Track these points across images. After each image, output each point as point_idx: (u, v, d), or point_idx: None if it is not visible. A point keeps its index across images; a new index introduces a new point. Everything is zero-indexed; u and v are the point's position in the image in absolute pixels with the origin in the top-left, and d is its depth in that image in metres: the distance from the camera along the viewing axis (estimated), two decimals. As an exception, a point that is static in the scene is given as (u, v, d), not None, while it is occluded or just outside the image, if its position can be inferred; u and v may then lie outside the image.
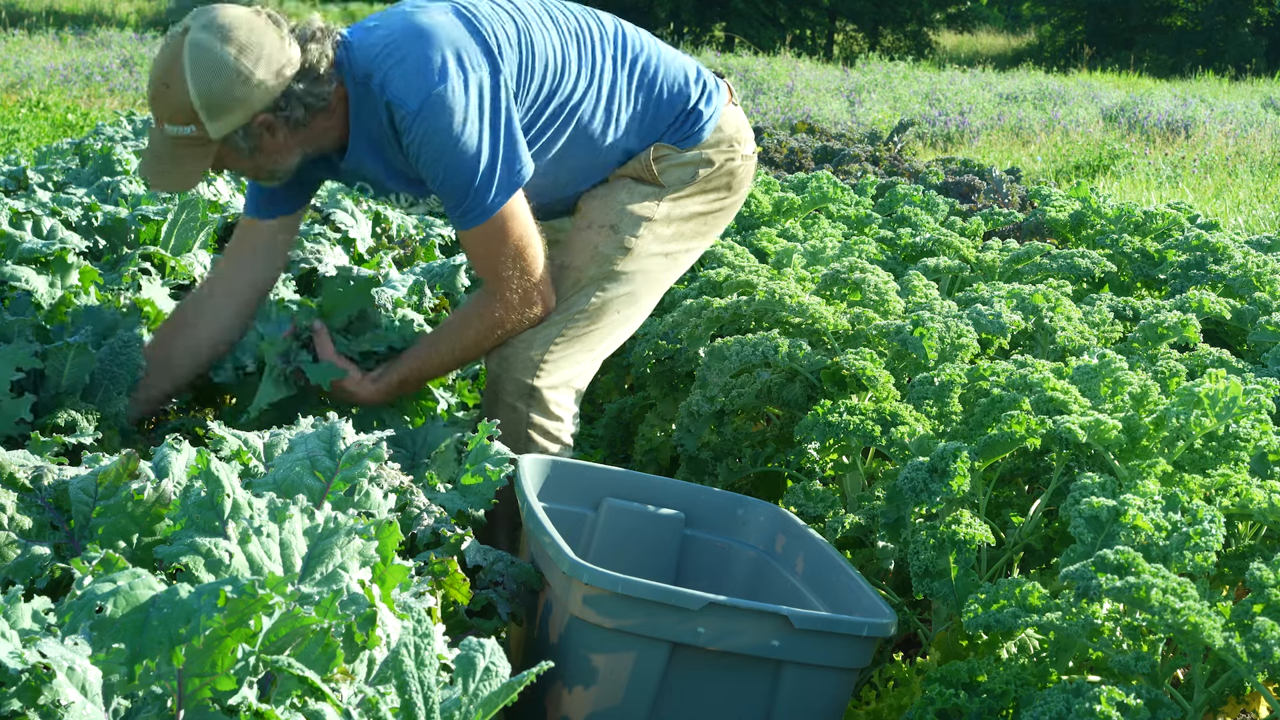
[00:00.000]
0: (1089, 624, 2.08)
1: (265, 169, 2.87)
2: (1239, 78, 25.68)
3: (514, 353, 3.06)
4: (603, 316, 3.12)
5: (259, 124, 2.76)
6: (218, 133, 2.74)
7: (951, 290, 4.14)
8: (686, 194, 3.16)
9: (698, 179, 3.16)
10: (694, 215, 3.19)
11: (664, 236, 3.15)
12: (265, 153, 2.82)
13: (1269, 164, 12.55)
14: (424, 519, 2.45)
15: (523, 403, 3.06)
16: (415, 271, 4.04)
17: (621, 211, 3.10)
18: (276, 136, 2.80)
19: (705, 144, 3.16)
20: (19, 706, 1.46)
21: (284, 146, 2.83)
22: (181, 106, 2.73)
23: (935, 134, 14.66)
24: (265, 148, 2.81)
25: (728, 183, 3.22)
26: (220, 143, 2.77)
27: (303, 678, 1.57)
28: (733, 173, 3.22)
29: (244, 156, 2.82)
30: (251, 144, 2.79)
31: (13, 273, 3.39)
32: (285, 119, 2.78)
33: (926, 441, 2.69)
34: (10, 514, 2.09)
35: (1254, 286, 3.83)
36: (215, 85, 2.69)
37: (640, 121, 3.11)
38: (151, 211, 4.19)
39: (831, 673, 2.29)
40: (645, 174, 3.13)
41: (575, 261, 3.11)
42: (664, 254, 3.17)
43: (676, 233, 3.17)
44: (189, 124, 2.74)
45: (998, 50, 35.54)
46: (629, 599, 2.22)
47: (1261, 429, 2.50)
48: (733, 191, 3.25)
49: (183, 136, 2.75)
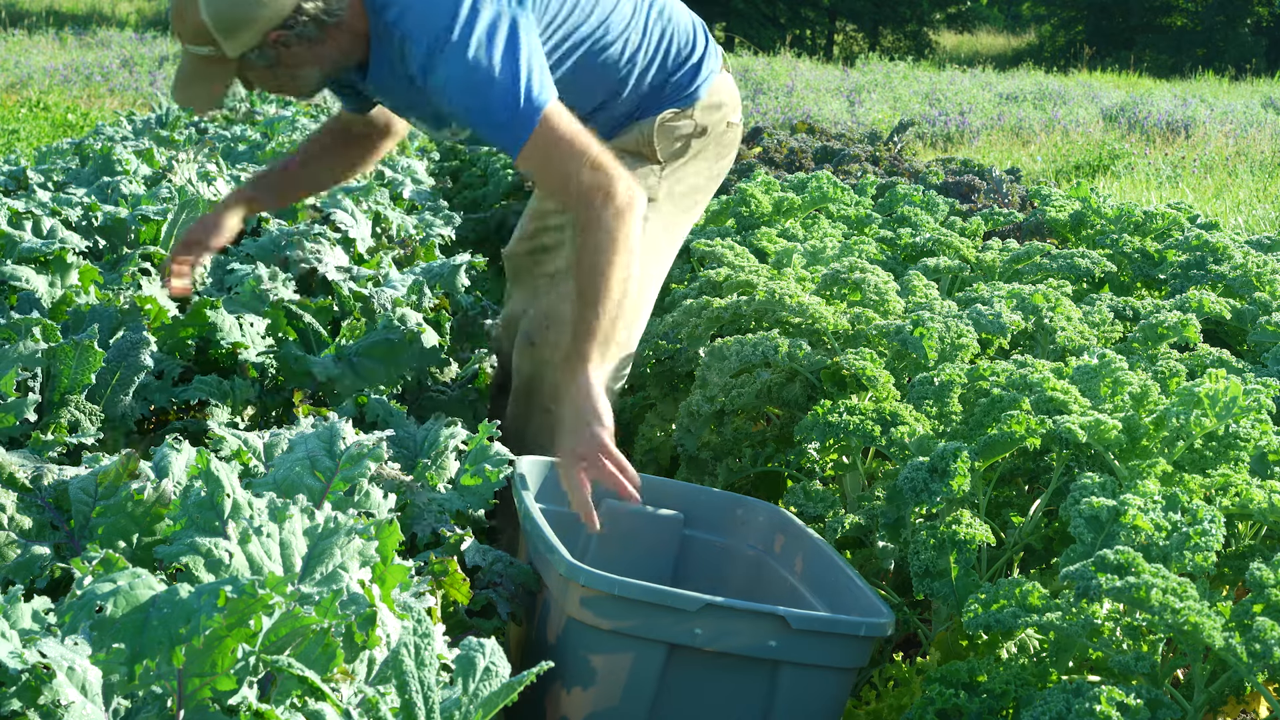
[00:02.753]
0: (1089, 624, 2.08)
1: (288, 84, 2.94)
2: (1239, 78, 25.69)
3: (546, 358, 3.08)
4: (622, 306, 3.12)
5: (273, 40, 2.82)
6: (234, 51, 2.82)
7: (951, 290, 4.14)
8: (682, 167, 3.21)
9: (690, 149, 3.20)
10: (691, 189, 3.25)
11: (666, 214, 3.21)
12: (285, 66, 2.88)
13: (1269, 164, 12.55)
14: (424, 519, 2.45)
15: (557, 405, 2.99)
16: (415, 271, 4.04)
17: None
18: (293, 51, 2.86)
19: (701, 106, 3.20)
20: (19, 706, 1.46)
21: (302, 62, 2.89)
22: (198, 28, 2.81)
23: (935, 134, 14.67)
24: (284, 62, 2.87)
25: (718, 150, 3.27)
26: (238, 60, 2.84)
27: (303, 678, 1.57)
28: (722, 139, 3.27)
29: (263, 72, 2.89)
30: (268, 60, 2.86)
31: (13, 272, 3.39)
32: (299, 35, 2.84)
33: (926, 441, 2.69)
34: (10, 514, 2.10)
35: (1254, 286, 3.83)
36: (225, 6, 2.78)
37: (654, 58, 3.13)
38: (151, 211, 4.19)
39: (830, 673, 2.29)
40: (645, 148, 3.16)
41: None
42: (664, 229, 3.22)
43: (676, 207, 3.23)
44: (207, 44, 2.82)
45: (998, 50, 35.56)
46: (626, 600, 2.22)
47: (1261, 429, 2.50)
48: (722, 159, 3.30)
49: (203, 55, 2.84)
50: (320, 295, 3.70)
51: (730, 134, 3.30)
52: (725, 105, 3.26)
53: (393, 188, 6.29)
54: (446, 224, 5.81)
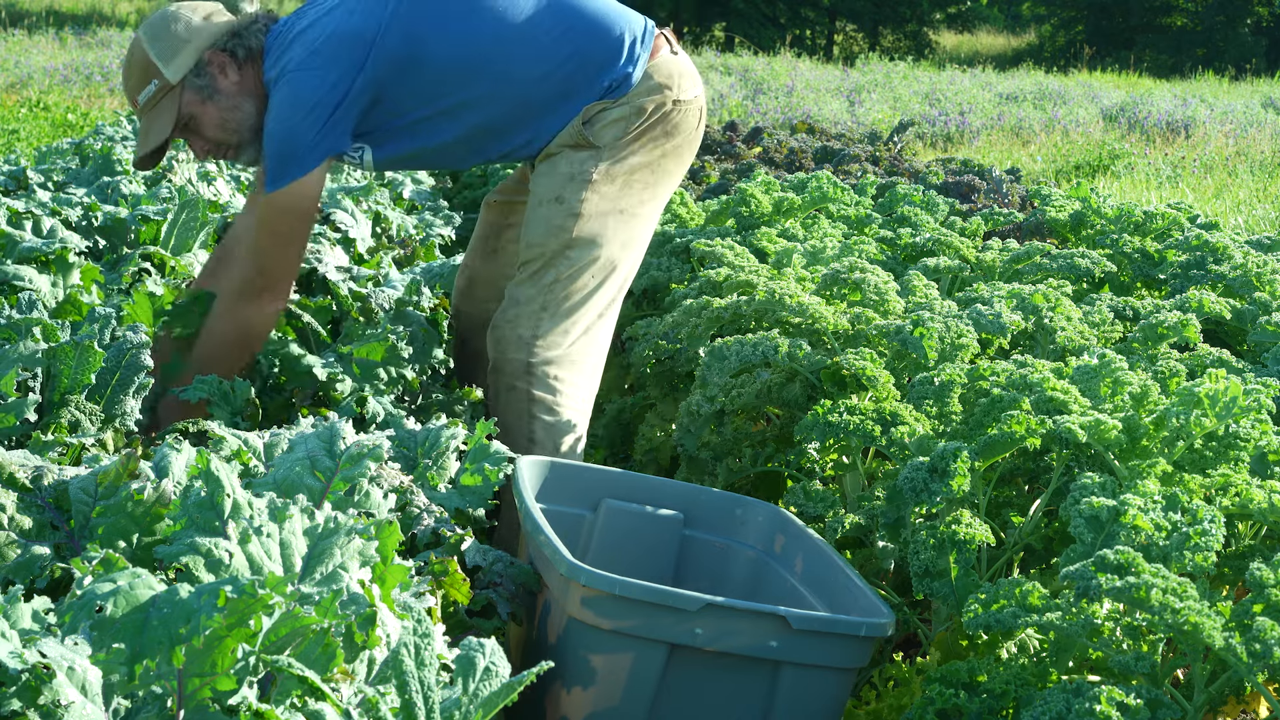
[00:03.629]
0: (1089, 624, 2.08)
1: (228, 124, 3.16)
2: (1239, 78, 25.68)
3: (504, 335, 3.24)
4: (577, 284, 3.23)
5: (209, 59, 3.12)
6: (175, 74, 3.12)
7: (951, 290, 4.13)
8: (623, 148, 3.24)
9: (630, 131, 3.24)
10: (638, 168, 3.27)
11: (610, 194, 3.24)
12: (220, 94, 3.14)
13: (1269, 164, 12.55)
14: (424, 519, 2.45)
15: (522, 381, 3.22)
16: (415, 271, 4.04)
17: (564, 182, 3.22)
18: (226, 75, 3.13)
19: (634, 93, 3.23)
20: (19, 706, 1.46)
21: (234, 88, 3.14)
22: (143, 64, 3.15)
23: (935, 134, 14.66)
24: (219, 88, 3.13)
25: (664, 129, 3.28)
26: (180, 88, 3.12)
27: (303, 678, 1.57)
28: (666, 117, 3.27)
29: (204, 103, 3.13)
30: (206, 83, 3.12)
31: (14, 272, 3.39)
32: (232, 54, 3.13)
33: (926, 441, 2.69)
34: (10, 514, 2.09)
35: (1254, 286, 3.82)
36: (161, 31, 3.14)
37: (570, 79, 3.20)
38: (151, 211, 4.19)
39: (830, 673, 2.29)
40: (579, 140, 3.22)
41: (535, 239, 3.24)
42: (617, 210, 3.25)
43: (623, 187, 3.25)
44: (152, 79, 3.14)
45: (998, 50, 35.54)
46: (626, 600, 2.22)
47: (1261, 429, 2.50)
48: (671, 137, 3.30)
49: (151, 98, 3.14)
50: (320, 295, 3.70)
51: (679, 112, 3.30)
52: (664, 85, 3.26)
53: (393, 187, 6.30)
54: (446, 224, 5.81)
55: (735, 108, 16.22)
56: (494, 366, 3.27)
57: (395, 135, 3.21)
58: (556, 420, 3.23)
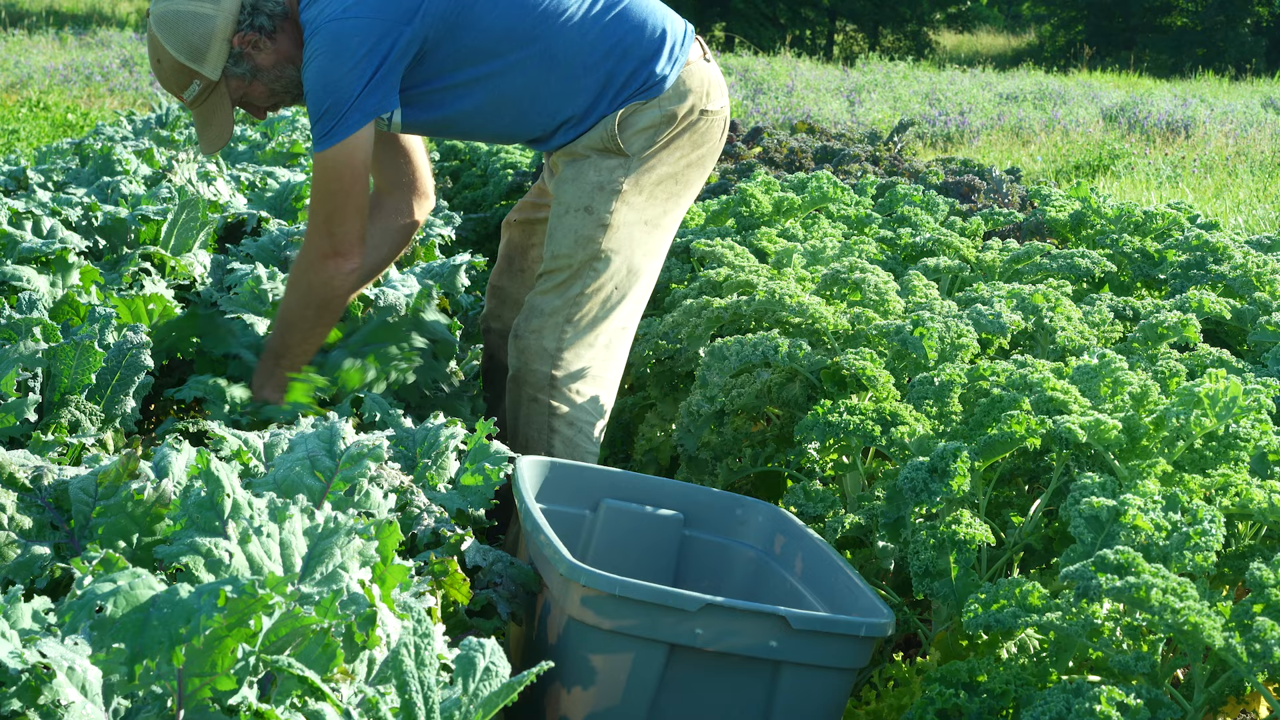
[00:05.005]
0: (1089, 624, 2.08)
1: (280, 90, 3.12)
2: (1239, 78, 25.68)
3: (529, 345, 3.20)
4: (602, 296, 3.20)
5: (239, 45, 3.05)
6: (214, 71, 3.06)
7: (951, 290, 4.13)
8: (652, 157, 3.20)
9: (659, 140, 3.20)
10: (664, 178, 3.23)
11: (638, 205, 3.21)
12: (263, 70, 3.09)
13: (1269, 164, 12.55)
14: (424, 519, 2.45)
15: (544, 394, 3.19)
16: (415, 271, 4.04)
17: (593, 191, 3.17)
18: (262, 51, 3.07)
19: (666, 96, 3.19)
20: (19, 706, 1.46)
21: (274, 60, 3.08)
22: (177, 70, 3.07)
23: (935, 134, 14.66)
24: (260, 65, 3.08)
25: (691, 139, 3.25)
26: (223, 80, 3.07)
27: (303, 678, 1.57)
28: (694, 126, 3.24)
29: (253, 87, 3.10)
30: (247, 70, 3.07)
31: (14, 272, 3.39)
32: (257, 29, 3.05)
33: (926, 441, 2.69)
34: (10, 514, 2.09)
35: (1254, 286, 3.82)
36: (184, 32, 3.03)
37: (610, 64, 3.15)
38: (151, 211, 4.19)
39: (830, 673, 2.29)
40: (610, 144, 3.17)
41: (562, 250, 3.19)
42: (643, 222, 3.22)
43: (650, 198, 3.22)
44: (193, 80, 3.07)
45: (998, 50, 35.55)
46: (626, 600, 2.22)
47: (1261, 429, 2.50)
48: (697, 147, 3.27)
49: (198, 95, 3.09)
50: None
51: (706, 122, 3.26)
52: (696, 93, 3.22)
53: (393, 188, 6.28)
54: (446, 224, 5.81)
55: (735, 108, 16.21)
56: (516, 376, 3.23)
57: (428, 98, 3.12)
58: (575, 434, 3.21)
